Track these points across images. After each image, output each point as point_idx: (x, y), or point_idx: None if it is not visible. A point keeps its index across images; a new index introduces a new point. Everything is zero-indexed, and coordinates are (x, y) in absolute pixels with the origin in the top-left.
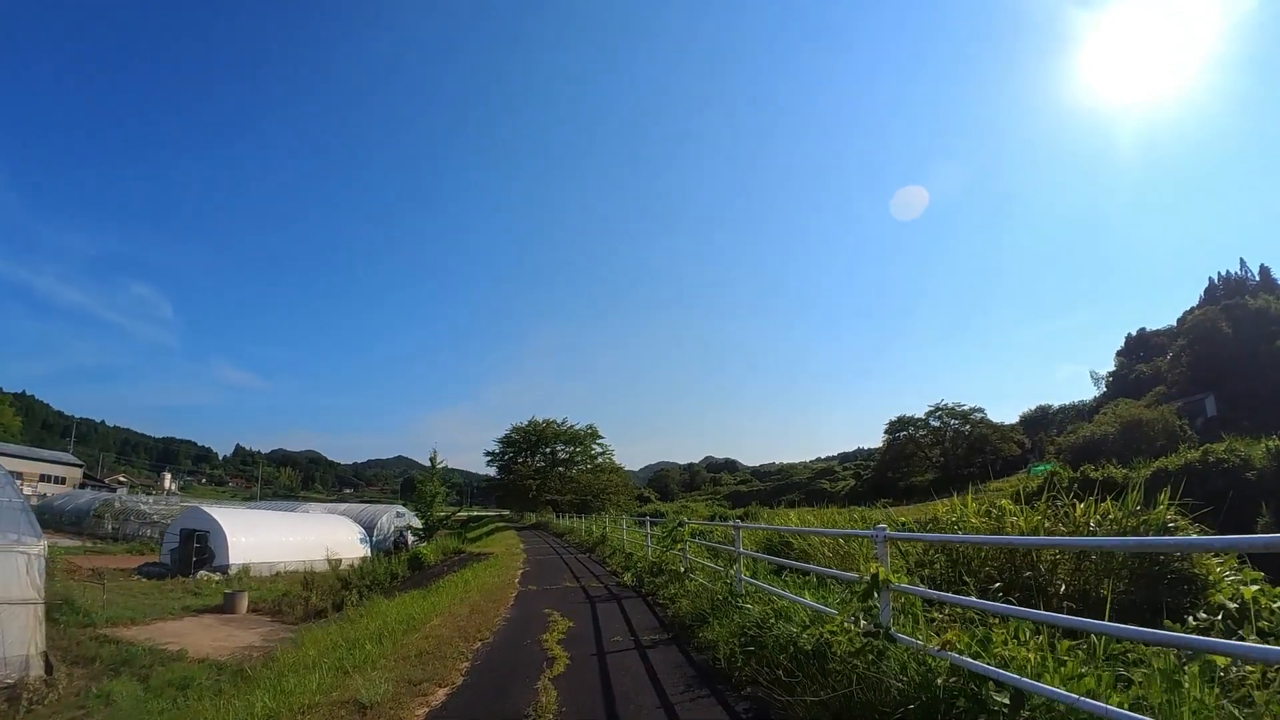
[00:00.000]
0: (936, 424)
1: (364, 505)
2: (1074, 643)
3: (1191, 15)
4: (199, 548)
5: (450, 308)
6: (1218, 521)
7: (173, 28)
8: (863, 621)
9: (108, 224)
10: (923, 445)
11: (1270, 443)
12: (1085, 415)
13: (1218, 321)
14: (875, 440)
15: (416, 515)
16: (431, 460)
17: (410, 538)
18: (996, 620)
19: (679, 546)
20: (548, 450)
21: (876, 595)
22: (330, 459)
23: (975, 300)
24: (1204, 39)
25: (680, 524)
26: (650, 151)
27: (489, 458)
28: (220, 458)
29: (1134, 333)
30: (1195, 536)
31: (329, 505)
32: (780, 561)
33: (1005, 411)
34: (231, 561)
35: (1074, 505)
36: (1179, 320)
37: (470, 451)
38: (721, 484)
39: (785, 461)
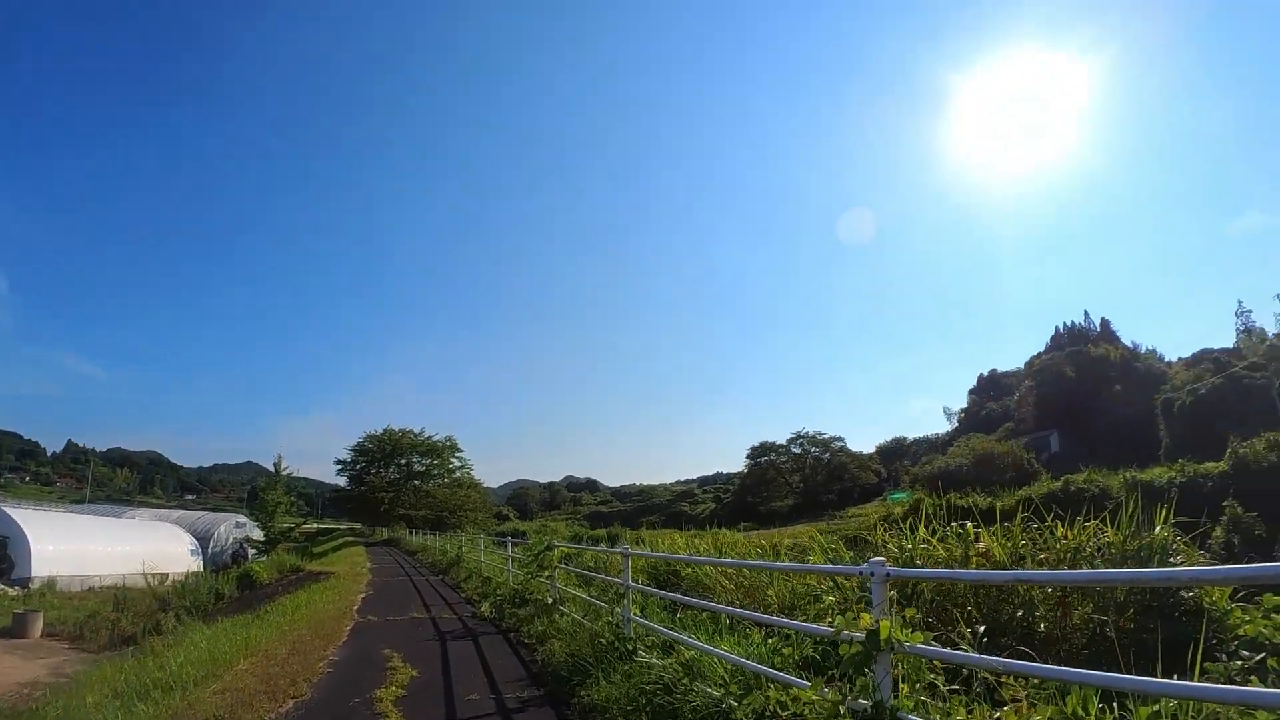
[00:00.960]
0: (798, 451)
1: (200, 513)
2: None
3: (1049, 93)
4: None
5: (310, 312)
6: None
7: None
8: (851, 698)
9: None
10: (784, 471)
11: (1128, 474)
12: (939, 448)
13: (1063, 366)
14: (735, 464)
15: (258, 526)
16: (276, 466)
17: (250, 551)
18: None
19: (546, 573)
20: (403, 461)
21: (873, 661)
22: (173, 461)
23: (839, 332)
24: (1063, 114)
25: (549, 546)
26: (519, 170)
27: (339, 466)
28: (49, 454)
29: (985, 373)
30: (1246, 566)
31: (161, 512)
32: (676, 598)
33: (863, 441)
34: (35, 574)
35: (1054, 528)
36: (1027, 363)
37: (325, 461)
38: (582, 504)
39: (645, 483)
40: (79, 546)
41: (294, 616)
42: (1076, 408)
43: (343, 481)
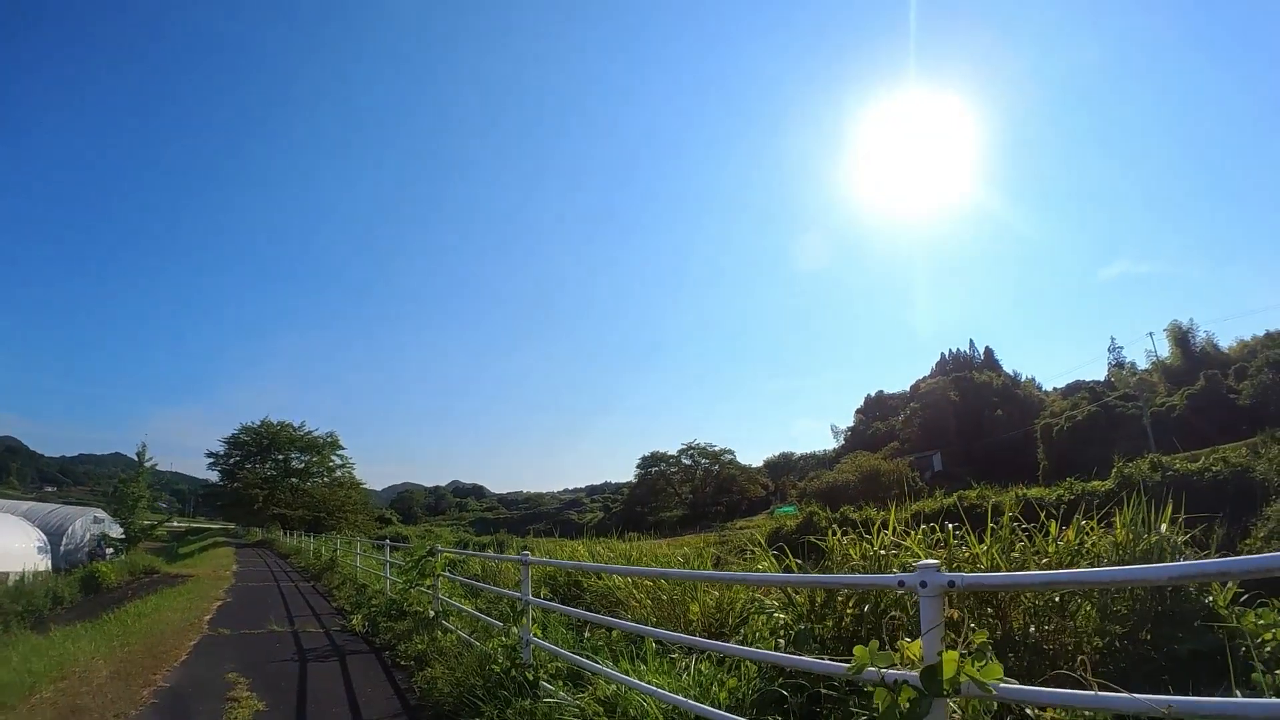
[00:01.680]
0: (688, 462)
1: (53, 507)
2: None
3: (941, 134)
4: None
5: (187, 292)
6: None
7: None
8: None
9: None
10: (673, 481)
11: (1019, 490)
12: (826, 464)
13: (948, 390)
14: (624, 474)
15: (118, 522)
16: (139, 455)
17: (109, 550)
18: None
19: (428, 583)
20: (280, 457)
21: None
22: (32, 449)
23: (730, 350)
24: (954, 155)
25: (432, 551)
26: (422, 159)
27: (211, 459)
28: None
29: (872, 394)
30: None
31: (6, 503)
32: (588, 616)
33: (751, 455)
34: None
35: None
36: (912, 386)
37: (199, 456)
38: (468, 509)
39: (533, 490)
40: None
41: (132, 627)
42: (960, 429)
43: (214, 476)
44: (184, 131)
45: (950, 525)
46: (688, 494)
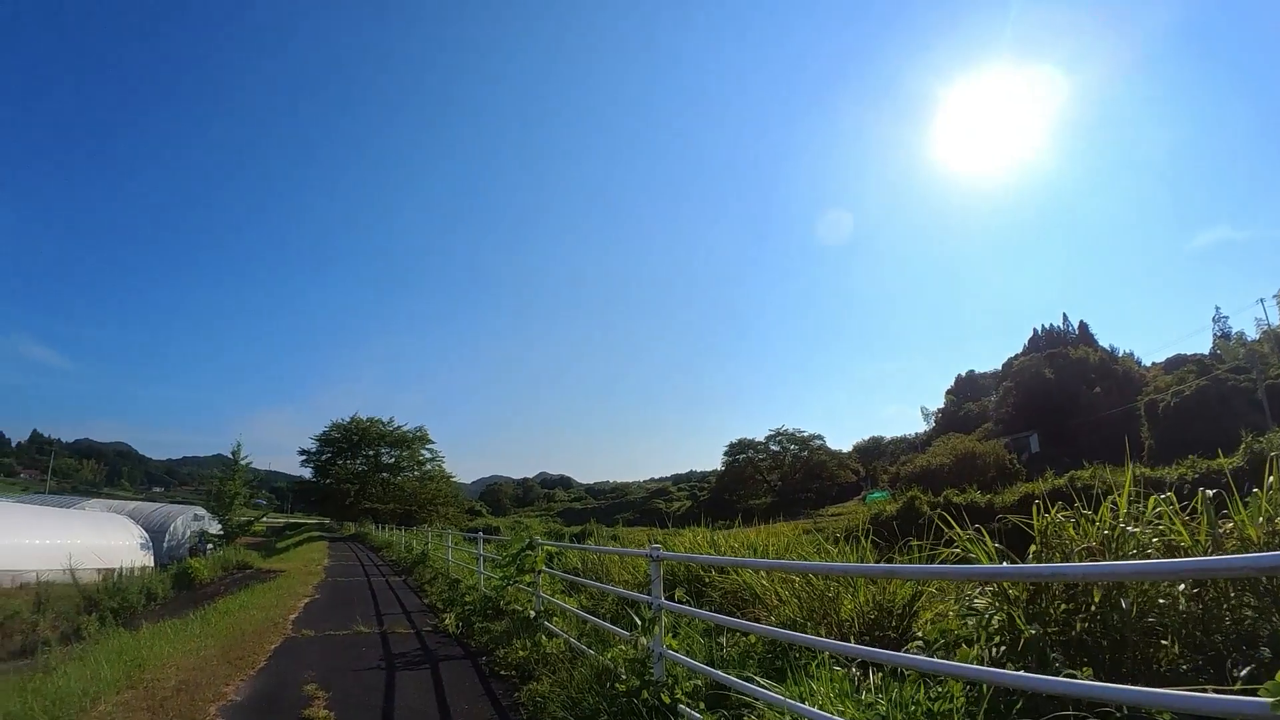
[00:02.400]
0: (776, 448)
1: (157, 505)
2: None
3: (1029, 105)
4: None
5: (284, 302)
6: None
7: None
8: None
9: None
10: (761, 468)
11: (1138, 469)
12: (918, 447)
13: (1042, 368)
14: (709, 463)
15: (216, 519)
16: (234, 454)
17: (209, 546)
18: None
19: (528, 579)
20: (370, 453)
21: None
22: (141, 453)
23: (818, 334)
24: (1042, 125)
25: (531, 544)
26: (504, 159)
27: (304, 457)
28: (13, 444)
29: (963, 374)
30: None
31: (113, 503)
32: (732, 623)
33: (840, 441)
34: None
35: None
36: (1004, 365)
37: (296, 455)
38: (556, 500)
39: (619, 480)
40: (12, 540)
41: (214, 626)
42: (1056, 409)
43: (308, 473)
44: (295, 145)
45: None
46: (776, 481)
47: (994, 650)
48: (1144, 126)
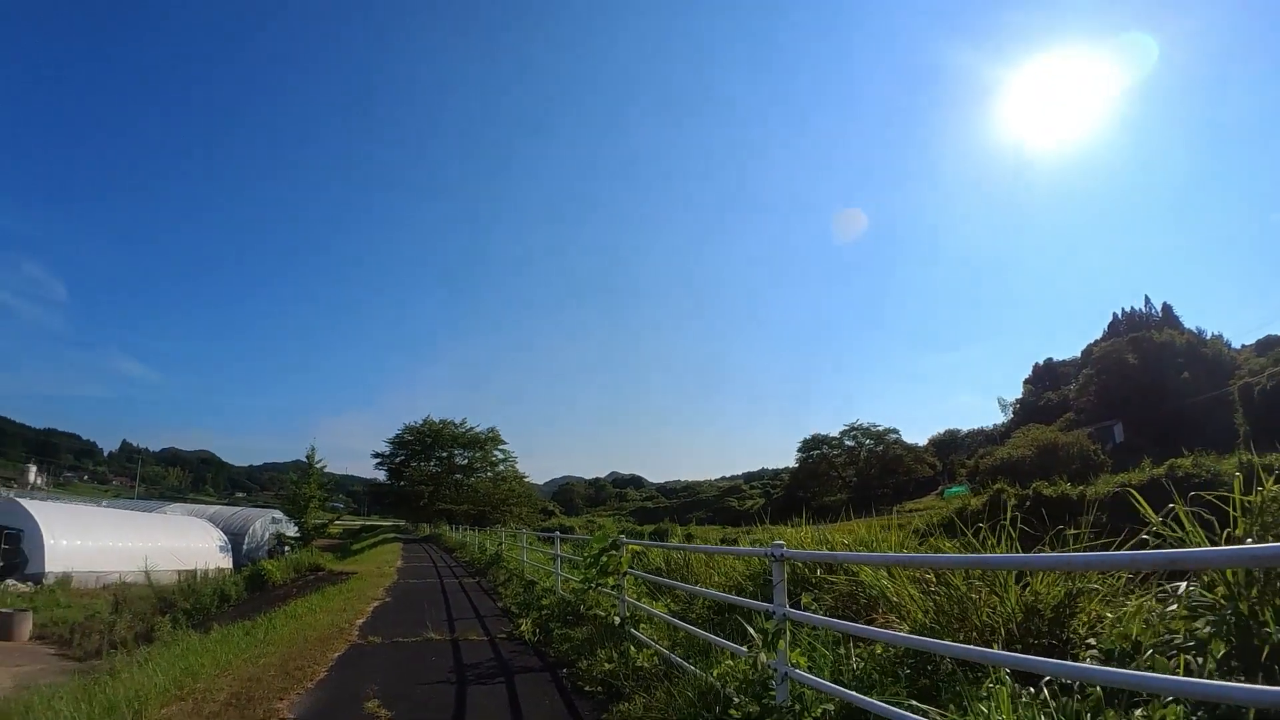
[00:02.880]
0: (851, 443)
1: (237, 509)
2: None
3: (1097, 75)
4: (7, 550)
5: (354, 311)
6: None
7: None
8: None
9: None
10: (836, 464)
11: (1242, 455)
12: (996, 439)
13: (1125, 353)
14: (780, 460)
15: (292, 522)
16: (308, 458)
17: (286, 548)
18: None
19: (611, 581)
20: (443, 454)
21: None
22: (224, 460)
23: (884, 327)
24: (1110, 97)
25: (615, 543)
26: (583, 159)
27: (377, 459)
28: (105, 454)
29: (1041, 362)
30: None
31: (195, 507)
32: (869, 631)
33: (912, 435)
34: (49, 569)
35: None
36: (1084, 351)
37: (371, 459)
38: (628, 499)
39: (690, 479)
40: (97, 542)
41: (279, 631)
42: (1141, 396)
43: (381, 475)
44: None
45: None
46: (851, 476)
47: (1210, 660)
48: (1229, 88)
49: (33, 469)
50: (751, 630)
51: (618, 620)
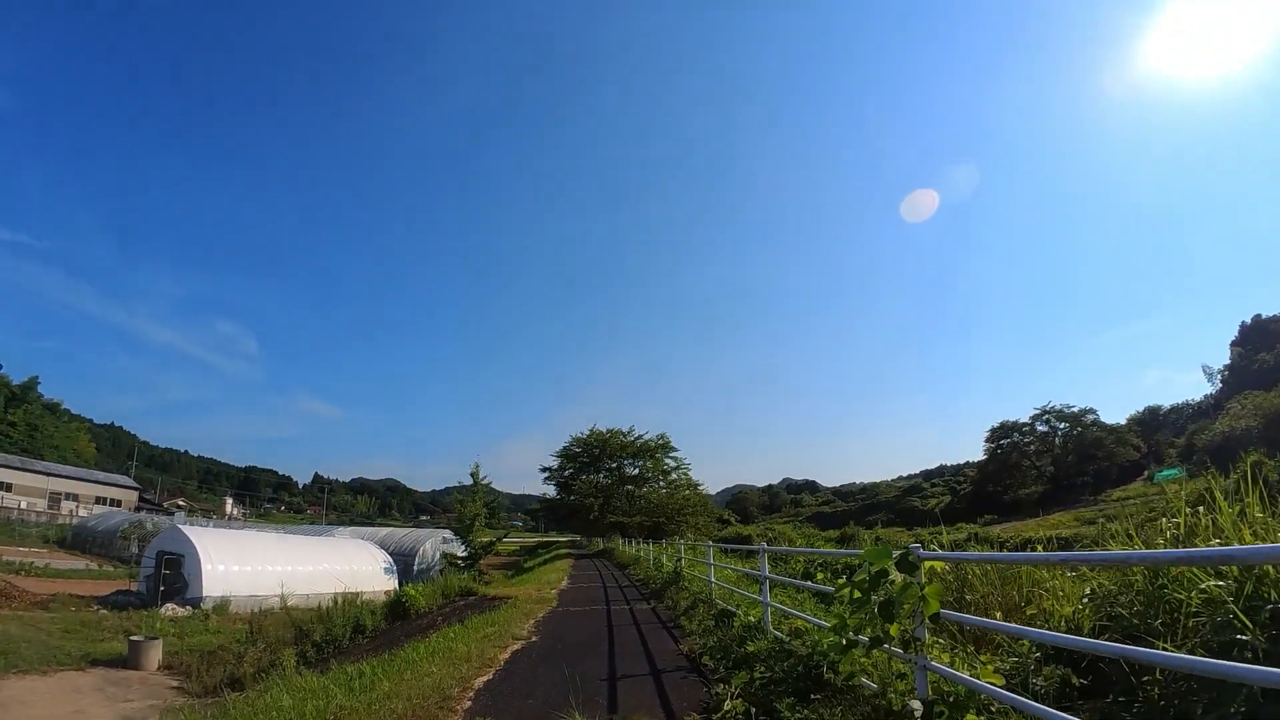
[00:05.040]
0: (1044, 429)
1: (408, 530)
2: None
3: None
4: (168, 575)
5: (527, 333)
6: None
7: (246, 67)
8: None
9: (194, 266)
10: (1028, 453)
11: None
12: (1206, 412)
13: None
14: (959, 455)
15: (460, 541)
16: (473, 475)
17: (457, 567)
18: None
19: (897, 629)
20: (613, 465)
21: None
22: (409, 486)
23: (1044, 311)
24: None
25: (907, 560)
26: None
27: (545, 474)
28: (300, 486)
29: (1249, 320)
30: None
31: (364, 530)
32: None
33: (1107, 416)
34: (207, 593)
35: None
36: None
37: (540, 473)
38: (803, 505)
39: (866, 480)
40: (256, 566)
41: (372, 690)
42: None
43: (550, 490)
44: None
45: None
46: (1047, 466)
47: None
48: None
49: (229, 500)
50: None
51: (915, 709)
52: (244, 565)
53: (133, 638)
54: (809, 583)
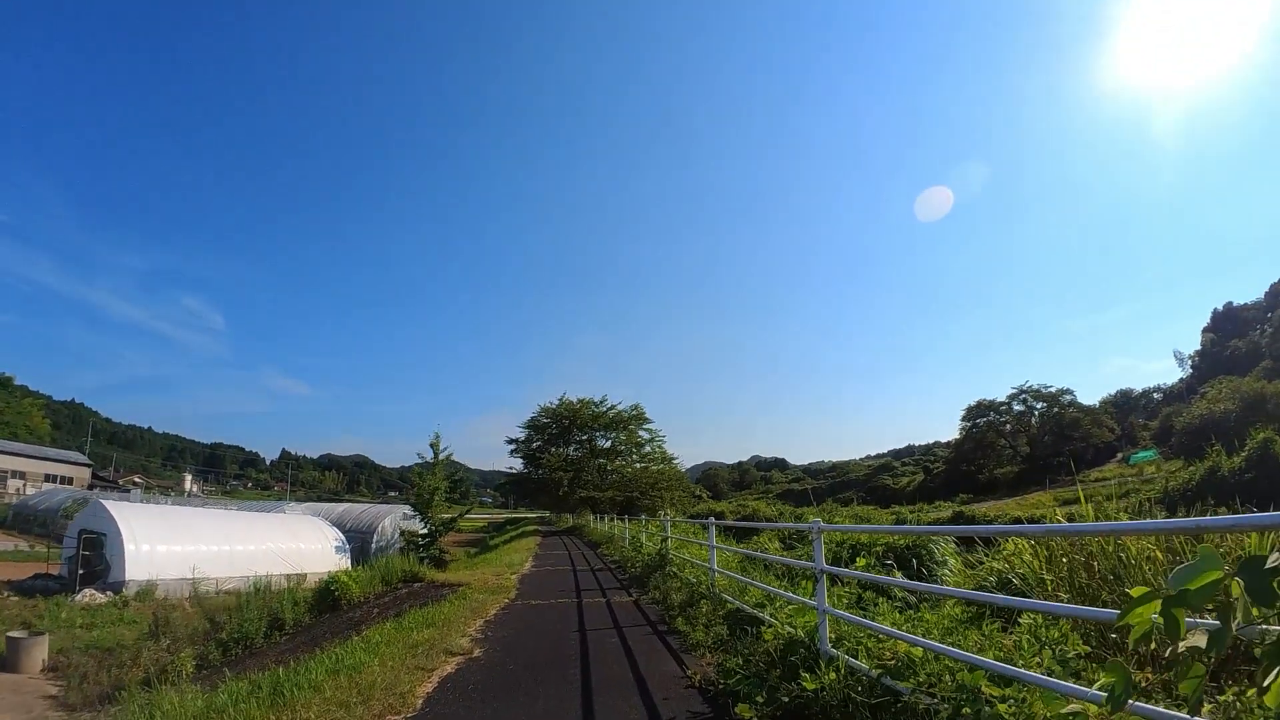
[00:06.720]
0: (1020, 408)
1: (365, 506)
2: None
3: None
4: (88, 556)
5: (497, 312)
6: None
7: (213, 39)
8: None
9: (157, 239)
10: (1005, 433)
11: None
12: (1179, 396)
13: None
14: (929, 435)
15: (418, 518)
16: (433, 446)
17: (416, 546)
18: None
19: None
20: (583, 437)
21: None
22: (377, 463)
23: (1010, 299)
24: (1251, 17)
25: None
26: (691, 152)
27: (511, 445)
28: (267, 462)
29: (1220, 308)
30: None
31: (318, 506)
32: None
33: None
34: (130, 577)
35: None
36: (1268, 293)
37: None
38: (773, 482)
39: (835, 459)
40: (188, 546)
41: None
42: None
43: (516, 463)
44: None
45: None
46: (1023, 446)
47: None
48: None
49: (188, 477)
50: None
51: None
52: (175, 545)
53: (10, 634)
54: (900, 579)
